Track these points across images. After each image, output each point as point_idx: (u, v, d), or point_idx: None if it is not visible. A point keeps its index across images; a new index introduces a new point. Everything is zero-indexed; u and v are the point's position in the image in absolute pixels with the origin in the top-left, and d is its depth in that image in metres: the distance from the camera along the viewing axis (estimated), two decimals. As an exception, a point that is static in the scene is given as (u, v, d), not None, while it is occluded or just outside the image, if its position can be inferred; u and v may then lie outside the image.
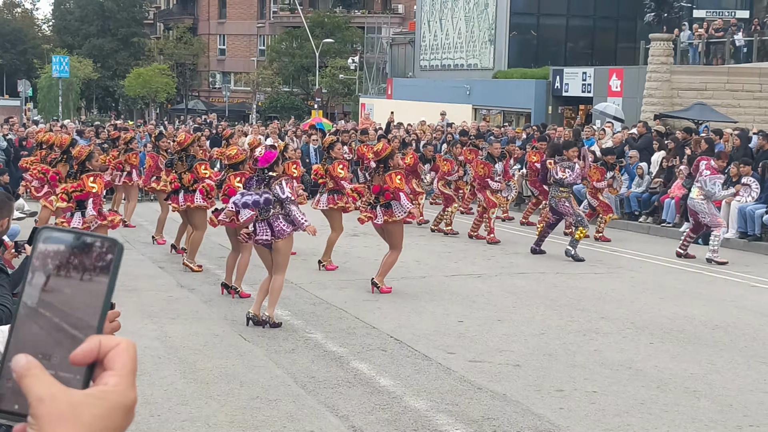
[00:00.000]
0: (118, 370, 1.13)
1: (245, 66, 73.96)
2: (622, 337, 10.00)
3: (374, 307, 11.33)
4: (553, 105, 37.47)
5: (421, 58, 50.87)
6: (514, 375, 8.46)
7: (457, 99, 41.72)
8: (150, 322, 10.46)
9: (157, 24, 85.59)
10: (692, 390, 8.06)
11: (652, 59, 30.64)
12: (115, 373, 1.12)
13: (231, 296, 11.76)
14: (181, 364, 8.73)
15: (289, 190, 10.13)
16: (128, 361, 1.14)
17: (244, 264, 11.82)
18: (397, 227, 12.08)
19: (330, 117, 60.38)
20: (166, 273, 13.82)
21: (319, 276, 13.37)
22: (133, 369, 1.14)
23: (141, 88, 68.77)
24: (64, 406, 1.08)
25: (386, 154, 12.21)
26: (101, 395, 1.10)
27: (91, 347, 1.13)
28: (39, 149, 17.75)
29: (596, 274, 14.01)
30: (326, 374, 8.39)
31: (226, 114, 63.14)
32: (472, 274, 13.92)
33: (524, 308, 11.46)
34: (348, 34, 65.95)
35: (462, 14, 46.43)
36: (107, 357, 1.13)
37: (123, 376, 1.12)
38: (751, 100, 29.09)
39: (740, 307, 11.72)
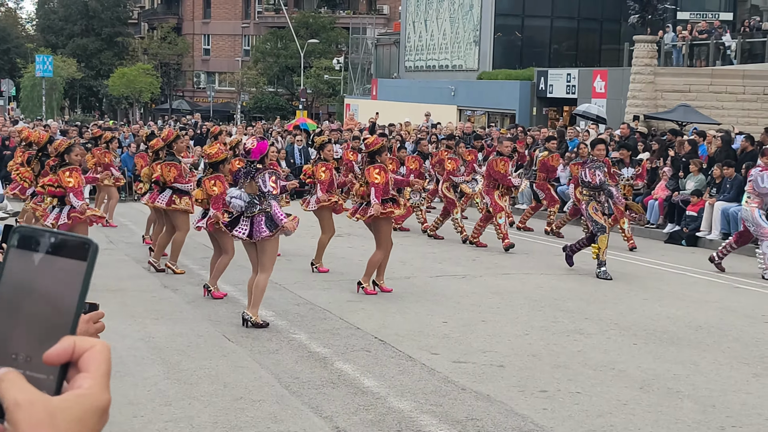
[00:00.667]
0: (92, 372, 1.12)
1: (230, 66, 73.85)
2: (606, 338, 10.02)
3: (358, 308, 11.33)
4: (538, 106, 37.57)
5: (406, 58, 50.90)
6: (498, 375, 8.47)
7: (441, 100, 41.78)
8: (133, 323, 10.43)
9: (141, 23, 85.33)
10: (675, 391, 8.09)
11: (636, 61, 30.75)
12: (90, 376, 1.11)
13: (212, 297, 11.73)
14: (164, 364, 8.71)
15: (271, 184, 10.09)
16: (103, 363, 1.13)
17: (223, 265, 11.74)
18: (380, 223, 11.96)
19: (315, 117, 60.33)
20: (150, 273, 13.77)
21: (304, 276, 13.36)
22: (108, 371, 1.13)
23: (125, 88, 68.55)
24: (41, 412, 1.07)
25: (375, 148, 12.13)
26: (77, 399, 1.10)
27: (66, 348, 1.12)
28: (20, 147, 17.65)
29: (580, 275, 14.04)
30: (310, 375, 8.38)
31: (210, 114, 63.02)
32: (456, 275, 13.93)
33: (508, 309, 11.47)
34: (333, 34, 65.92)
35: (447, 15, 46.48)
36: (82, 358, 1.12)
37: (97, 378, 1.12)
38: (734, 102, 29.22)
39: (723, 308, 11.76)
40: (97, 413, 1.10)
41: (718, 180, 17.96)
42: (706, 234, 17.72)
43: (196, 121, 40.49)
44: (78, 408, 1.09)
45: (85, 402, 1.09)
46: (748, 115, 28.88)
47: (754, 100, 29.01)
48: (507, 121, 38.42)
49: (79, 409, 1.09)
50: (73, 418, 1.08)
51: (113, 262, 14.50)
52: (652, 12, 35.04)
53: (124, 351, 9.09)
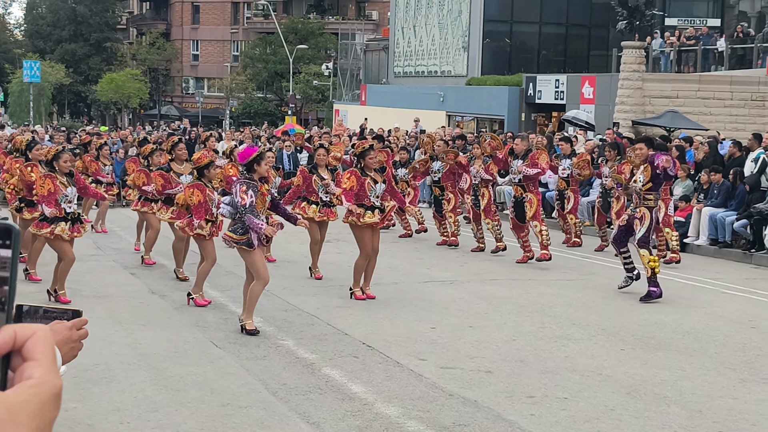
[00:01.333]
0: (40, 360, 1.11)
1: (219, 71, 73.78)
2: (593, 344, 10.03)
3: (346, 314, 11.32)
4: (526, 112, 37.63)
5: (395, 64, 50.95)
6: (486, 381, 8.47)
7: (430, 106, 41.84)
8: (120, 329, 10.40)
9: (129, 29, 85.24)
10: (662, 396, 8.10)
11: (624, 67, 30.83)
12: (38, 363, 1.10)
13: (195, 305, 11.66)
14: (151, 371, 8.68)
15: (240, 195, 9.93)
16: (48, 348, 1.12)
17: (204, 272, 11.62)
18: (354, 229, 11.96)
19: (304, 123, 60.36)
20: (137, 279, 13.75)
21: (292, 282, 13.35)
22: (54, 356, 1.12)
23: (113, 94, 68.44)
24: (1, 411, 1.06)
25: (360, 150, 12.10)
26: (32, 391, 1.09)
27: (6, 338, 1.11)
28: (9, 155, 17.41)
29: (568, 281, 14.05)
30: (297, 381, 8.37)
31: (199, 120, 62.94)
32: (444, 280, 13.93)
33: (496, 315, 11.48)
34: (322, 40, 65.92)
35: (436, 21, 46.55)
36: (25, 346, 1.11)
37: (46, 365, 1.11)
38: (722, 108, 29.32)
39: (711, 314, 11.79)
40: (54, 401, 1.09)
41: (706, 186, 18.01)
42: (694, 239, 17.75)
43: (185, 128, 40.42)
44: (36, 400, 1.08)
45: (41, 392, 1.08)
46: (735, 120, 28.98)
47: (741, 106, 29.11)
48: (496, 127, 38.46)
49: (37, 401, 1.08)
50: (33, 411, 1.07)
51: (100, 268, 14.47)
52: (640, 18, 35.12)
53: (111, 357, 9.07)
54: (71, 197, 11.64)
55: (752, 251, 16.58)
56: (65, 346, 2.53)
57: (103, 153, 18.59)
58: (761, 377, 8.77)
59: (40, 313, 2.63)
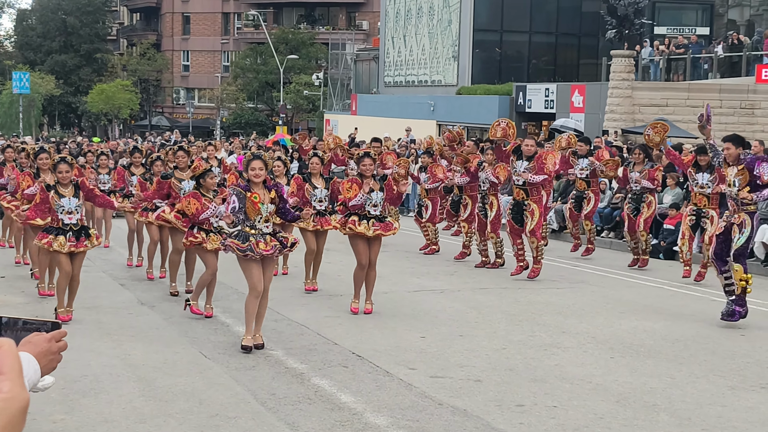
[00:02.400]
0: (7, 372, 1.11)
1: (209, 82, 73.82)
2: (583, 352, 10.03)
3: (336, 323, 11.30)
4: (517, 121, 37.63)
5: (386, 74, 51.02)
6: (475, 390, 8.46)
7: (421, 115, 41.90)
8: (109, 340, 10.37)
9: (120, 40, 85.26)
10: (651, 404, 8.10)
11: (613, 75, 30.94)
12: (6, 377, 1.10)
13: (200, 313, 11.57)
14: (140, 382, 8.65)
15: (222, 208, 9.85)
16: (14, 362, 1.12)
17: (203, 280, 11.48)
18: (350, 239, 11.79)
19: (294, 133, 60.35)
20: (127, 290, 13.72)
21: (281, 292, 13.31)
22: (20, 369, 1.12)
23: (104, 105, 68.44)
24: None
25: (356, 158, 11.97)
26: (3, 405, 1.08)
27: None
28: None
29: (558, 289, 14.05)
30: (287, 391, 8.35)
31: (190, 130, 62.90)
32: (434, 289, 13.93)
33: (486, 323, 11.47)
34: (312, 50, 66.02)
35: (426, 31, 46.64)
36: None
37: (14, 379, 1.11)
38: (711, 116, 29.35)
39: (700, 321, 11.80)
40: (22, 413, 1.09)
41: (695, 193, 18.01)
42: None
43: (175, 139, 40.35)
44: (6, 414, 1.08)
45: (11, 406, 1.08)
46: (725, 129, 29.01)
47: (731, 114, 29.21)
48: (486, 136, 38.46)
49: (7, 414, 1.08)
50: (4, 424, 1.07)
51: (90, 279, 14.40)
52: (629, 27, 35.28)
53: (99, 368, 9.04)
54: (69, 208, 11.20)
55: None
56: (44, 358, 2.52)
57: (102, 163, 18.00)
58: (750, 384, 8.77)
59: (19, 325, 2.63)
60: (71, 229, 11.17)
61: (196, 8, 75.95)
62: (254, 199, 9.73)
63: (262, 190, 9.84)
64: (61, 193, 11.22)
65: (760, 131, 28.27)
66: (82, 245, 11.22)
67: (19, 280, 14.40)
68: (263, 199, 9.79)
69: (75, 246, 11.15)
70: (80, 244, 11.20)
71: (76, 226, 11.22)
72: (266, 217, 9.83)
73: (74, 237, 11.14)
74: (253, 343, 9.77)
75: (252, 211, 9.74)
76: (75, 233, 11.17)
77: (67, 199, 11.20)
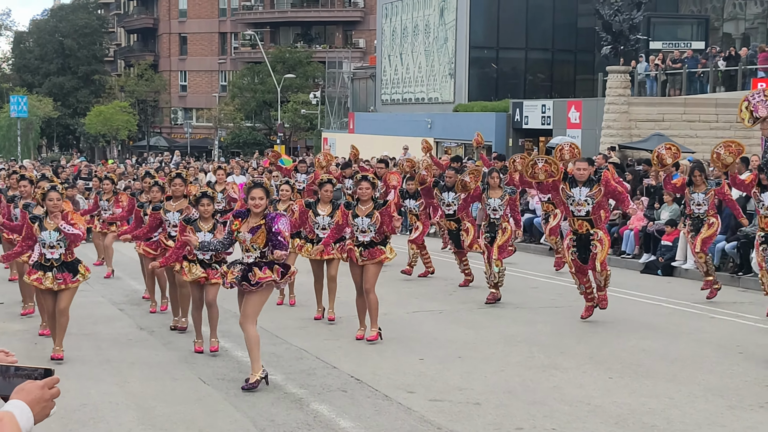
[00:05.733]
0: None
1: (207, 102, 74.00)
2: (581, 373, 10.03)
3: (335, 347, 11.31)
4: (514, 137, 37.79)
5: (383, 92, 51.15)
6: (474, 414, 8.46)
7: (418, 132, 41.96)
8: (108, 367, 10.38)
9: (117, 61, 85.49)
10: (650, 425, 8.10)
11: (609, 91, 31.00)
12: None
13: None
14: (139, 410, 8.66)
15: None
16: None
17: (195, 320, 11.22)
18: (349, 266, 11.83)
19: (292, 152, 60.49)
20: (126, 315, 13.73)
21: (279, 315, 13.33)
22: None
23: (102, 126, 68.58)
24: None
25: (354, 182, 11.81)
26: None
27: None
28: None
29: (556, 308, 14.06)
30: (286, 417, 8.35)
31: (188, 150, 63.05)
32: (433, 310, 13.94)
33: (484, 345, 11.48)
34: (309, 69, 66.23)
35: (422, 48, 46.78)
36: None
37: None
38: (707, 131, 29.48)
39: (698, 340, 11.81)
40: None
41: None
42: (682, 263, 17.80)
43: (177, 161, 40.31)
44: None
45: None
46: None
47: (727, 128, 29.26)
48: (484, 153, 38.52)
49: None
50: None
51: (88, 303, 14.43)
52: (625, 43, 35.37)
53: (99, 397, 9.04)
54: (51, 242, 10.38)
55: (740, 274, 16.62)
56: (37, 405, 2.55)
57: (106, 188, 17.66)
58: (749, 404, 8.78)
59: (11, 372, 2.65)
60: (53, 265, 10.41)
61: (193, 29, 76.18)
62: (233, 227, 9.33)
63: (260, 220, 9.28)
64: (44, 225, 10.37)
65: (756, 145, 28.31)
66: (70, 281, 10.47)
67: (18, 306, 14.38)
68: (242, 228, 9.27)
69: (63, 283, 10.42)
70: (68, 281, 10.45)
71: (58, 261, 10.41)
72: (247, 247, 9.32)
73: (60, 273, 10.41)
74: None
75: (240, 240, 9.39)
76: (59, 268, 10.41)
77: (48, 232, 10.37)
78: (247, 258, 9.35)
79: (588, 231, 12.42)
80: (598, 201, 12.29)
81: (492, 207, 14.45)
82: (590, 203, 12.26)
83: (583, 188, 12.24)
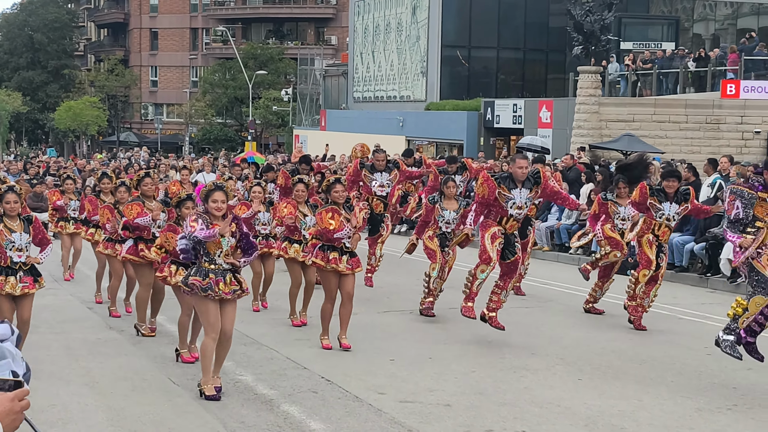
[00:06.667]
0: None
1: (178, 98, 73.66)
2: (552, 374, 10.08)
3: (305, 347, 11.30)
4: (485, 136, 37.89)
5: (355, 89, 51.12)
6: (445, 415, 8.48)
7: (390, 130, 42.00)
8: (77, 367, 10.31)
9: (87, 56, 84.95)
10: (619, 427, 8.15)
11: (580, 91, 31.15)
12: None
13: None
14: (108, 410, 8.61)
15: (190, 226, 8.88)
16: None
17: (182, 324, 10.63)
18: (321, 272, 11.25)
19: (264, 148, 60.32)
20: (95, 314, 13.64)
21: (249, 315, 13.29)
22: None
23: (71, 121, 68.11)
24: None
25: (326, 185, 11.09)
26: None
27: None
28: None
29: (527, 308, 14.12)
30: (256, 419, 8.33)
31: (158, 146, 62.77)
32: (404, 310, 13.95)
33: (455, 345, 11.50)
34: (281, 65, 66.07)
35: (394, 47, 46.79)
36: None
37: None
38: (677, 131, 29.69)
39: (667, 341, 11.89)
40: None
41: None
42: (651, 264, 17.88)
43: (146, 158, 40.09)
44: None
45: None
46: (691, 144, 29.35)
47: (696, 129, 29.50)
48: (455, 152, 38.60)
49: None
50: None
51: (58, 303, 14.34)
52: (596, 43, 35.54)
53: (68, 397, 8.98)
54: (20, 244, 9.70)
55: (708, 275, 16.75)
56: (7, 417, 2.53)
57: (68, 187, 16.98)
58: (716, 406, 8.85)
59: (-19, 385, 2.63)
60: (21, 268, 9.74)
61: (164, 24, 75.78)
62: (218, 231, 8.86)
63: (223, 222, 8.94)
64: (11, 227, 9.69)
65: (725, 146, 28.57)
66: (33, 286, 9.84)
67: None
68: (224, 232, 8.92)
69: (28, 288, 9.76)
70: (31, 286, 9.82)
71: (26, 265, 9.78)
72: (226, 252, 9.01)
73: (26, 276, 9.76)
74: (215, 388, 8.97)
75: (213, 245, 8.94)
76: (25, 272, 9.77)
77: (18, 234, 9.68)
78: (226, 264, 9.00)
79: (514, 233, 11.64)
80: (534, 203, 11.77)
81: (446, 219, 13.32)
82: (528, 205, 11.61)
83: (523, 189, 11.41)
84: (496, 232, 11.40)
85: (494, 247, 11.39)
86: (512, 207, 11.33)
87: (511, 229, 11.50)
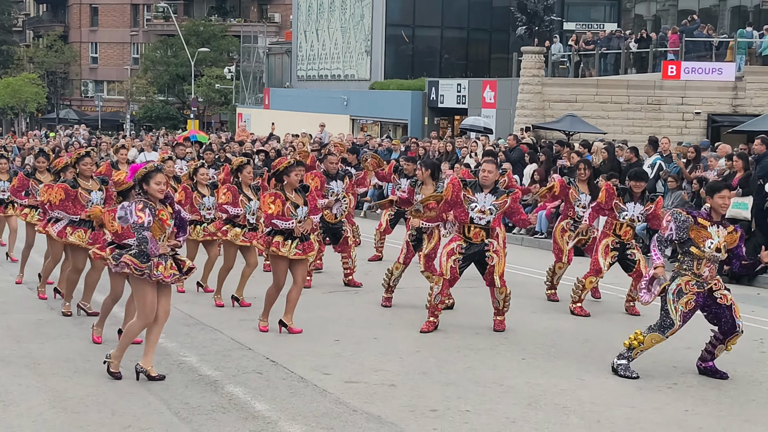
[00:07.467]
0: None
1: (119, 74, 72.79)
2: (495, 353, 10.16)
3: (250, 327, 11.26)
4: (429, 116, 37.95)
5: (299, 68, 50.88)
6: (389, 395, 8.51)
7: (334, 110, 41.91)
8: (18, 348, 10.18)
9: (26, 31, 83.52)
10: (562, 406, 8.25)
11: (523, 72, 31.33)
12: None
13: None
14: (50, 392, 8.51)
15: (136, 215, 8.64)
16: None
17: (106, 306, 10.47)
18: (272, 258, 11.14)
19: (206, 127, 59.84)
20: (36, 294, 13.46)
21: (194, 296, 13.22)
22: None
23: (10, 98, 66.99)
24: None
25: (281, 167, 10.80)
26: None
27: None
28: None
29: (472, 288, 14.18)
30: (200, 400, 8.30)
31: (99, 124, 61.96)
32: (349, 290, 13.96)
33: (400, 325, 11.54)
34: (224, 42, 65.54)
35: (338, 25, 46.61)
36: None
37: None
38: (619, 112, 29.98)
39: (610, 320, 12.05)
40: None
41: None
42: (593, 244, 18.06)
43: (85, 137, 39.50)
44: None
45: None
46: (632, 124, 29.67)
47: (638, 110, 29.81)
48: (399, 132, 38.66)
49: None
50: None
51: (-3, 283, 14.14)
52: (539, 23, 35.72)
53: (8, 379, 8.88)
54: None
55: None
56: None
57: (1, 166, 16.45)
58: (656, 385, 9.00)
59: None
60: None
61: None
62: (162, 216, 8.77)
63: (161, 205, 8.81)
64: None
65: (666, 126, 28.92)
66: None
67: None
68: (167, 216, 8.80)
69: None
70: None
71: None
72: (168, 236, 8.88)
73: None
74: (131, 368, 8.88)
75: (158, 229, 8.76)
76: None
77: None
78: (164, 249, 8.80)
79: (483, 240, 11.23)
80: (502, 211, 11.38)
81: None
82: (494, 213, 11.16)
83: (489, 195, 11.10)
84: (454, 248, 11.22)
85: (449, 264, 11.20)
86: (474, 210, 11.05)
87: (476, 238, 11.16)
